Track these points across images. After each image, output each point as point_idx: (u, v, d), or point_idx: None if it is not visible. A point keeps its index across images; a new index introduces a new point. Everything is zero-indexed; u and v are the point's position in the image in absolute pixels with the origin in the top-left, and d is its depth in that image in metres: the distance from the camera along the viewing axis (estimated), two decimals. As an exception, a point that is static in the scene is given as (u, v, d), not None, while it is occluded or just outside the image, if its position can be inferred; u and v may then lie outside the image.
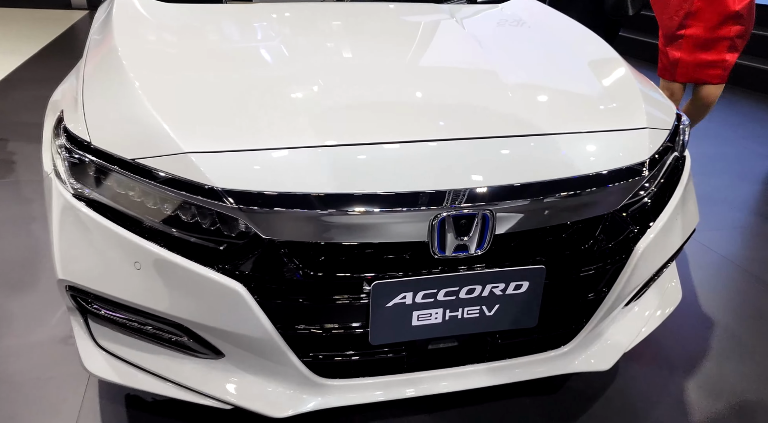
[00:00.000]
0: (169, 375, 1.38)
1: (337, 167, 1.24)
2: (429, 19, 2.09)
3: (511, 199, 1.25)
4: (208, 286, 1.23)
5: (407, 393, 1.40)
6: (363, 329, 1.31)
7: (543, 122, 1.40)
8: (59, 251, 1.37)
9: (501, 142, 1.33)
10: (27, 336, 1.87)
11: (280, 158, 1.26)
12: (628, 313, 1.60)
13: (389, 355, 1.37)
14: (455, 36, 1.95)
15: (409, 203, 1.22)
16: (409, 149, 1.29)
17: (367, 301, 1.27)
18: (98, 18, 2.09)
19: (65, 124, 1.41)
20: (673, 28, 2.69)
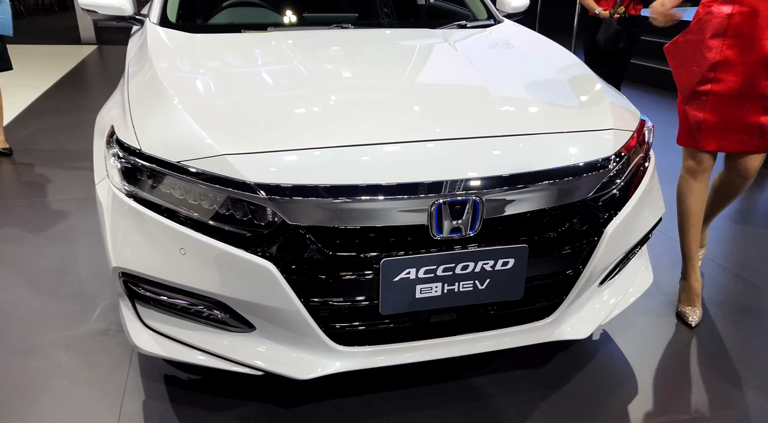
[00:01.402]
0: (207, 347, 1.60)
1: (349, 163, 1.49)
2: (425, 43, 2.38)
3: (496, 187, 1.50)
4: (244, 266, 1.47)
5: (413, 358, 1.61)
6: (374, 301, 1.54)
7: (524, 125, 1.66)
8: (113, 243, 1.61)
9: (488, 141, 1.58)
10: (72, 330, 2.10)
11: (301, 157, 1.51)
12: (604, 291, 1.83)
13: (397, 325, 1.60)
14: (449, 56, 2.23)
15: (410, 192, 1.46)
16: (410, 148, 1.54)
17: (377, 277, 1.50)
18: (131, 49, 2.38)
19: (117, 136, 1.66)
20: (694, 82, 2.03)
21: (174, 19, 2.51)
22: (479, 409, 1.77)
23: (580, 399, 1.81)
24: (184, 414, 1.73)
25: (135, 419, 1.70)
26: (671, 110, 5.57)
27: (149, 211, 1.54)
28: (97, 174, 1.80)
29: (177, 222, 1.51)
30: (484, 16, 2.80)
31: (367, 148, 1.53)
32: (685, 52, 2.06)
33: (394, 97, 1.82)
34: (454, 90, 1.90)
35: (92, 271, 2.47)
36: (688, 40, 2.05)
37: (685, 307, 2.21)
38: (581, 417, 1.74)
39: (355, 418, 1.74)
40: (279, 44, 2.24)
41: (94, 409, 1.74)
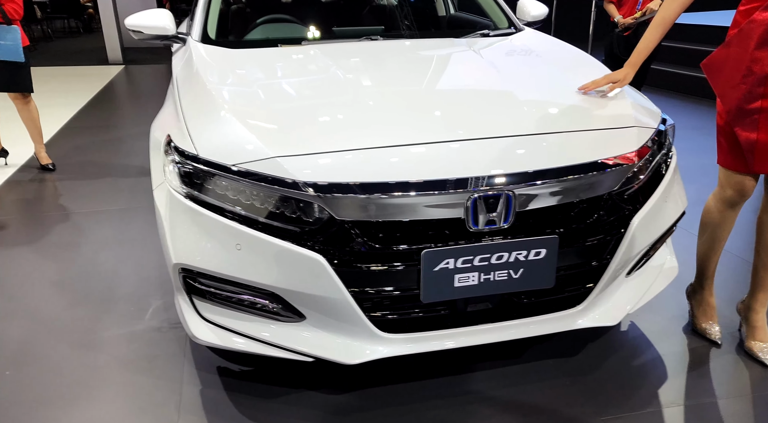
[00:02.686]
0: (261, 336, 1.73)
1: (392, 162, 1.62)
2: (451, 51, 2.51)
3: (528, 182, 1.61)
4: (296, 258, 1.60)
5: (453, 344, 1.72)
6: (415, 290, 1.65)
7: (552, 123, 1.78)
8: (172, 242, 1.75)
9: (519, 139, 1.70)
10: (129, 327, 2.24)
11: (347, 157, 1.64)
12: (632, 282, 1.92)
13: (437, 313, 1.71)
14: (476, 63, 2.36)
15: (448, 188, 1.58)
16: (447, 146, 1.66)
17: (418, 267, 1.62)
18: (177, 64, 2.54)
19: (174, 144, 1.81)
20: (741, 100, 1.82)
21: (214, 36, 2.68)
22: (516, 395, 1.87)
23: (612, 384, 1.90)
24: (239, 401, 1.85)
25: (194, 406, 1.83)
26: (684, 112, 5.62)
27: (206, 210, 1.68)
28: (154, 179, 1.95)
29: (232, 220, 1.65)
30: (505, 24, 2.92)
31: (408, 147, 1.65)
32: (727, 68, 1.84)
33: (429, 100, 1.96)
34: (483, 93, 2.03)
35: (141, 275, 2.63)
36: (730, 54, 1.83)
37: (705, 323, 2.16)
38: (615, 401, 1.82)
39: (397, 404, 1.84)
40: (315, 56, 2.39)
41: (155, 398, 1.87)
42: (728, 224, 2.05)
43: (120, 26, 9.76)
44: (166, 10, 2.76)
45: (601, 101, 1.96)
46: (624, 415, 1.77)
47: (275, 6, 3.44)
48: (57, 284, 2.57)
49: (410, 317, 1.71)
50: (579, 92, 1.99)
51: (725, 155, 1.95)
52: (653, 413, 1.77)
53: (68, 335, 2.20)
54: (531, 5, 3.06)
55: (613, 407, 1.79)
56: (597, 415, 1.77)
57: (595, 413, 1.77)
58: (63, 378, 1.98)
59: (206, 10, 2.75)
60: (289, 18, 3.04)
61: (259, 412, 1.81)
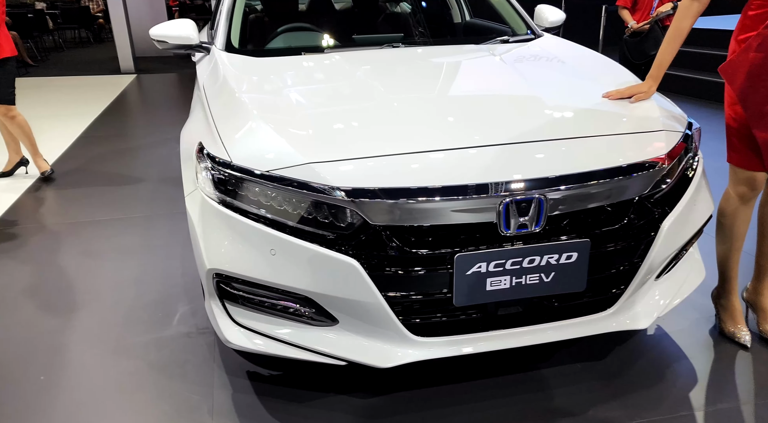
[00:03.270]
0: (294, 340, 1.75)
1: (425, 166, 1.64)
2: (474, 57, 2.54)
3: (559, 186, 1.62)
4: (331, 263, 1.61)
5: (485, 347, 1.73)
6: (447, 294, 1.66)
7: (582, 128, 1.80)
8: (206, 247, 1.77)
9: (550, 144, 1.71)
10: (158, 332, 2.27)
11: (379, 162, 1.65)
12: (661, 285, 1.92)
13: (469, 317, 1.72)
14: (499, 68, 2.38)
15: (481, 192, 1.59)
16: (479, 151, 1.68)
17: (451, 271, 1.63)
18: (203, 73, 2.57)
19: (207, 151, 1.83)
20: (759, 102, 1.85)
21: (237, 45, 2.71)
22: (545, 399, 1.87)
23: (643, 388, 1.90)
24: (271, 405, 1.87)
25: (227, 410, 1.85)
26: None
27: (240, 216, 1.70)
28: (186, 187, 1.97)
29: (266, 225, 1.67)
30: (524, 30, 2.95)
31: (441, 152, 1.67)
32: (747, 72, 1.85)
33: (459, 105, 1.98)
34: (512, 98, 2.05)
35: (166, 282, 2.65)
36: (751, 59, 1.84)
37: (733, 327, 2.16)
38: (647, 404, 1.82)
39: (426, 408, 1.85)
40: (339, 63, 2.42)
41: (189, 402, 1.89)
42: (743, 220, 2.11)
43: (132, 36, 9.88)
44: (190, 20, 2.80)
45: (629, 105, 1.97)
46: (657, 418, 1.77)
47: (292, 15, 3.48)
48: (85, 291, 2.60)
49: (442, 321, 1.72)
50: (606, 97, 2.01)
51: (737, 154, 2.02)
52: (686, 417, 1.77)
53: (100, 341, 2.22)
54: (549, 11, 3.09)
55: (645, 411, 1.79)
56: (629, 418, 1.77)
57: (627, 417, 1.77)
58: (97, 383, 2.00)
59: (229, 19, 2.79)
60: (310, 26, 3.07)
61: (291, 415, 1.83)
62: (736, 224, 2.12)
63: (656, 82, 2.04)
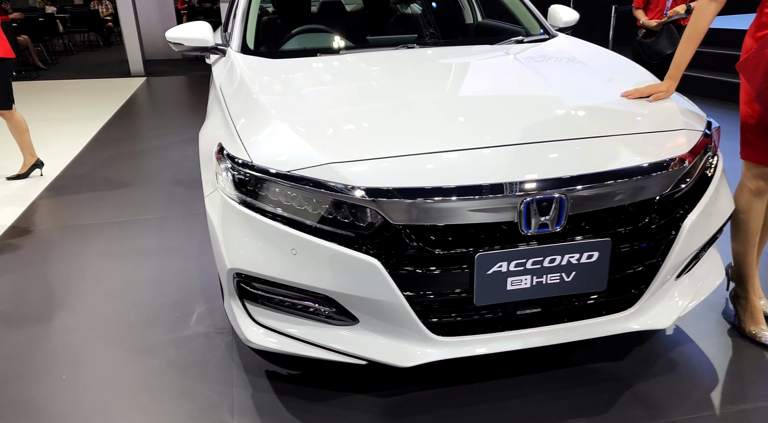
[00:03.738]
0: (315, 340, 1.75)
1: (445, 166, 1.64)
2: (489, 57, 2.54)
3: (580, 185, 1.62)
4: (352, 262, 1.62)
5: (504, 347, 1.73)
6: (468, 294, 1.67)
7: (603, 128, 1.79)
8: (226, 248, 1.78)
9: (571, 143, 1.72)
10: (177, 332, 2.28)
11: (400, 162, 1.66)
12: (681, 284, 1.91)
13: (489, 316, 1.72)
14: (516, 68, 2.38)
15: (502, 191, 1.60)
16: (499, 151, 1.68)
17: (471, 270, 1.63)
18: (219, 74, 2.59)
19: (227, 151, 1.84)
20: None
21: (253, 46, 2.73)
22: (564, 398, 1.87)
23: (663, 388, 1.89)
24: (291, 404, 1.87)
25: (248, 409, 1.86)
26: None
27: (261, 216, 1.71)
28: (206, 187, 1.99)
29: (287, 225, 1.68)
30: (538, 30, 2.95)
31: (461, 152, 1.68)
32: (767, 70, 1.88)
33: (478, 105, 1.98)
34: (530, 98, 2.05)
35: (183, 283, 2.67)
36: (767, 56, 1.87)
37: (754, 326, 2.15)
38: (668, 405, 1.82)
39: (445, 407, 1.85)
40: (355, 64, 2.43)
41: (209, 401, 1.90)
42: (757, 216, 2.13)
43: (142, 39, 9.95)
44: (205, 23, 2.82)
45: (649, 105, 1.97)
46: (679, 418, 1.76)
47: (305, 17, 3.50)
48: (104, 292, 2.62)
49: (462, 320, 1.72)
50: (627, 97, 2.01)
51: (753, 151, 2.06)
52: (709, 417, 1.77)
53: (120, 341, 2.24)
54: (562, 11, 3.09)
55: (667, 411, 1.79)
56: (651, 418, 1.76)
57: (648, 417, 1.77)
58: (119, 382, 2.02)
59: (245, 21, 2.81)
60: (324, 28, 3.09)
61: (311, 414, 1.83)
62: (751, 220, 2.13)
63: (675, 81, 2.04)
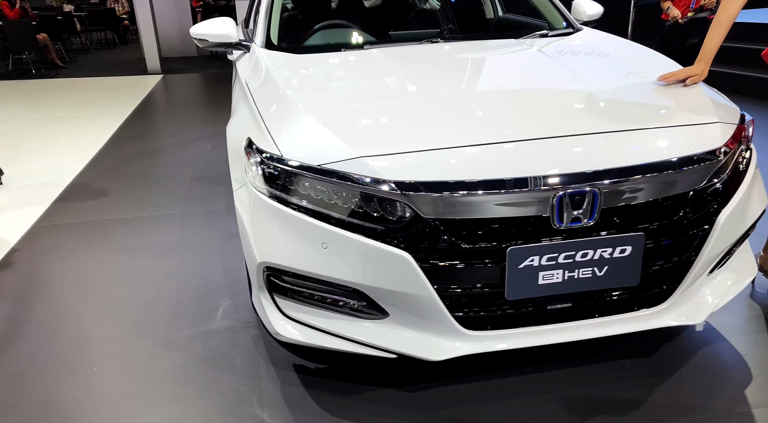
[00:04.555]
0: (344, 333, 1.75)
1: (477, 160, 1.63)
2: (515, 50, 2.52)
3: (614, 179, 1.60)
4: (383, 256, 1.62)
5: (535, 342, 1.72)
6: (499, 288, 1.66)
7: (635, 120, 1.77)
8: (256, 242, 1.78)
9: (604, 136, 1.70)
10: (203, 326, 2.30)
11: (431, 156, 1.65)
12: (713, 280, 1.89)
13: (520, 311, 1.71)
14: (543, 61, 2.36)
15: (534, 185, 1.58)
16: (531, 144, 1.67)
17: (503, 264, 1.62)
18: (244, 70, 2.60)
19: (257, 146, 1.85)
20: None
21: (276, 42, 2.73)
22: (594, 394, 1.85)
23: (695, 385, 1.87)
24: (320, 397, 1.88)
25: (277, 402, 1.86)
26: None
27: (292, 210, 1.71)
28: (235, 182, 2.00)
29: (318, 219, 1.68)
30: (563, 24, 2.92)
31: (493, 145, 1.67)
32: None
33: (508, 99, 1.97)
34: (561, 91, 2.03)
35: (206, 277, 2.69)
36: None
37: None
38: (701, 401, 1.80)
39: (474, 401, 1.85)
40: (381, 59, 2.42)
41: (238, 394, 1.91)
42: None
43: (158, 37, 10.01)
44: (229, 19, 2.83)
45: (682, 98, 1.94)
46: (711, 415, 1.74)
47: (324, 13, 3.49)
48: (129, 286, 2.65)
49: (492, 314, 1.72)
50: (657, 89, 1.99)
51: None
52: (743, 414, 1.74)
53: (147, 334, 2.26)
54: (587, 4, 3.05)
55: (700, 408, 1.77)
56: (683, 415, 1.74)
57: (681, 413, 1.75)
58: (148, 375, 2.04)
59: (268, 17, 2.81)
60: (346, 24, 3.08)
61: (339, 408, 1.84)
62: None
63: (707, 64, 2.04)
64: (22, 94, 7.82)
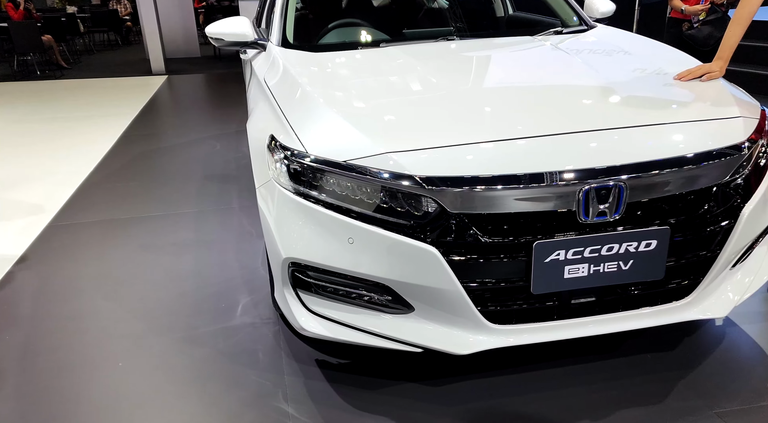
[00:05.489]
0: (370, 328, 1.76)
1: (502, 155, 1.64)
2: (532, 47, 2.53)
3: (640, 173, 1.61)
4: (410, 251, 1.63)
5: (560, 336, 1.73)
6: (525, 282, 1.67)
7: (659, 115, 1.78)
8: (281, 238, 1.79)
9: (629, 131, 1.71)
10: (223, 323, 2.31)
11: (458, 151, 1.66)
12: (736, 274, 1.90)
13: (545, 305, 1.72)
14: (563, 58, 2.37)
15: (561, 179, 1.59)
16: (556, 139, 1.68)
17: (529, 258, 1.63)
18: (260, 67, 2.61)
19: (281, 142, 1.86)
20: None
21: (292, 40, 2.75)
22: (618, 388, 1.86)
23: (719, 378, 1.88)
24: (343, 391, 1.89)
25: (302, 396, 1.88)
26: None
27: (318, 206, 1.72)
28: (257, 178, 2.01)
29: (344, 214, 1.69)
30: (576, 22, 2.93)
31: (517, 141, 1.68)
32: None
33: (529, 94, 1.98)
34: (582, 87, 2.04)
35: (224, 274, 2.70)
36: None
37: None
38: (726, 394, 1.81)
39: (497, 396, 1.86)
40: (399, 56, 2.43)
41: (262, 388, 1.93)
42: None
43: (162, 38, 10.03)
44: (245, 18, 2.84)
45: (703, 93, 1.96)
46: (737, 408, 1.75)
47: (335, 12, 3.50)
48: (148, 283, 2.66)
49: (518, 308, 1.73)
50: (678, 84, 2.00)
51: None
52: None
53: (169, 330, 2.27)
54: (599, 2, 3.06)
55: (726, 400, 1.78)
56: (709, 408, 1.75)
57: (707, 406, 1.76)
58: (173, 370, 2.05)
59: (284, 16, 2.82)
60: (360, 22, 3.09)
61: (365, 402, 1.85)
62: None
63: (725, 62, 2.04)
64: (29, 95, 7.84)
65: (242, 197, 3.71)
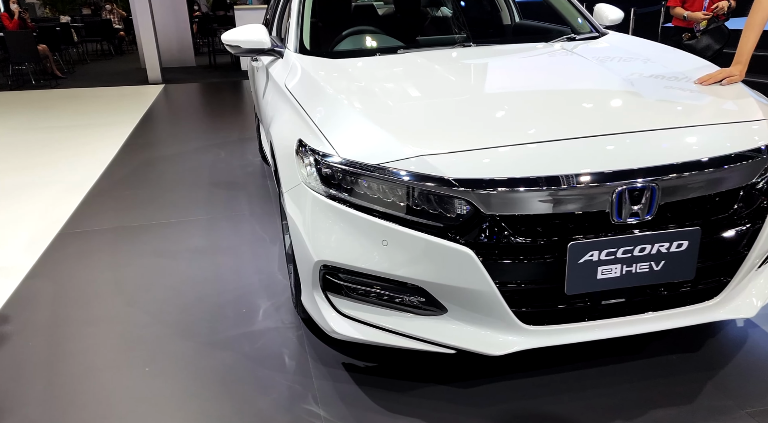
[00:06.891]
0: (402, 330, 1.77)
1: (535, 157, 1.66)
2: (550, 52, 2.57)
3: (671, 174, 1.64)
4: (445, 252, 1.64)
5: (593, 336, 1.74)
6: (558, 283, 1.68)
7: (687, 118, 1.82)
8: (313, 241, 1.80)
9: (660, 133, 1.73)
10: (246, 327, 2.30)
11: (491, 153, 1.68)
12: (762, 274, 1.92)
13: (576, 305, 1.73)
14: (583, 63, 2.41)
15: (595, 181, 1.62)
16: (589, 141, 1.70)
17: (563, 259, 1.65)
18: (279, 74, 2.62)
19: (310, 147, 1.86)
20: None
21: (309, 47, 2.76)
22: (646, 388, 1.87)
23: (747, 377, 1.90)
24: (373, 394, 1.89)
25: (332, 399, 1.87)
26: None
27: (351, 208, 1.73)
28: (285, 183, 2.01)
29: (377, 217, 1.70)
30: (587, 29, 2.97)
31: (551, 143, 1.70)
32: None
33: (556, 98, 2.01)
34: (607, 91, 2.07)
35: (241, 280, 2.69)
36: None
37: None
38: (755, 394, 1.82)
39: (526, 397, 1.86)
40: (419, 62, 2.45)
41: (292, 391, 1.92)
42: None
43: (159, 47, 10.02)
44: (261, 26, 2.86)
45: (726, 96, 1.99)
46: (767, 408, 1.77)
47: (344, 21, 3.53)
48: (167, 288, 2.64)
49: (551, 309, 1.74)
50: (701, 88, 2.04)
51: None
52: (797, 404, 1.77)
53: (192, 335, 2.26)
54: (608, 9, 3.11)
55: (755, 400, 1.79)
56: (739, 407, 1.77)
57: (737, 406, 1.77)
58: (200, 374, 2.03)
59: (300, 23, 2.84)
60: (374, 29, 3.12)
61: (395, 403, 1.84)
62: None
63: (744, 67, 2.09)
64: (25, 105, 7.79)
65: (252, 204, 3.71)
